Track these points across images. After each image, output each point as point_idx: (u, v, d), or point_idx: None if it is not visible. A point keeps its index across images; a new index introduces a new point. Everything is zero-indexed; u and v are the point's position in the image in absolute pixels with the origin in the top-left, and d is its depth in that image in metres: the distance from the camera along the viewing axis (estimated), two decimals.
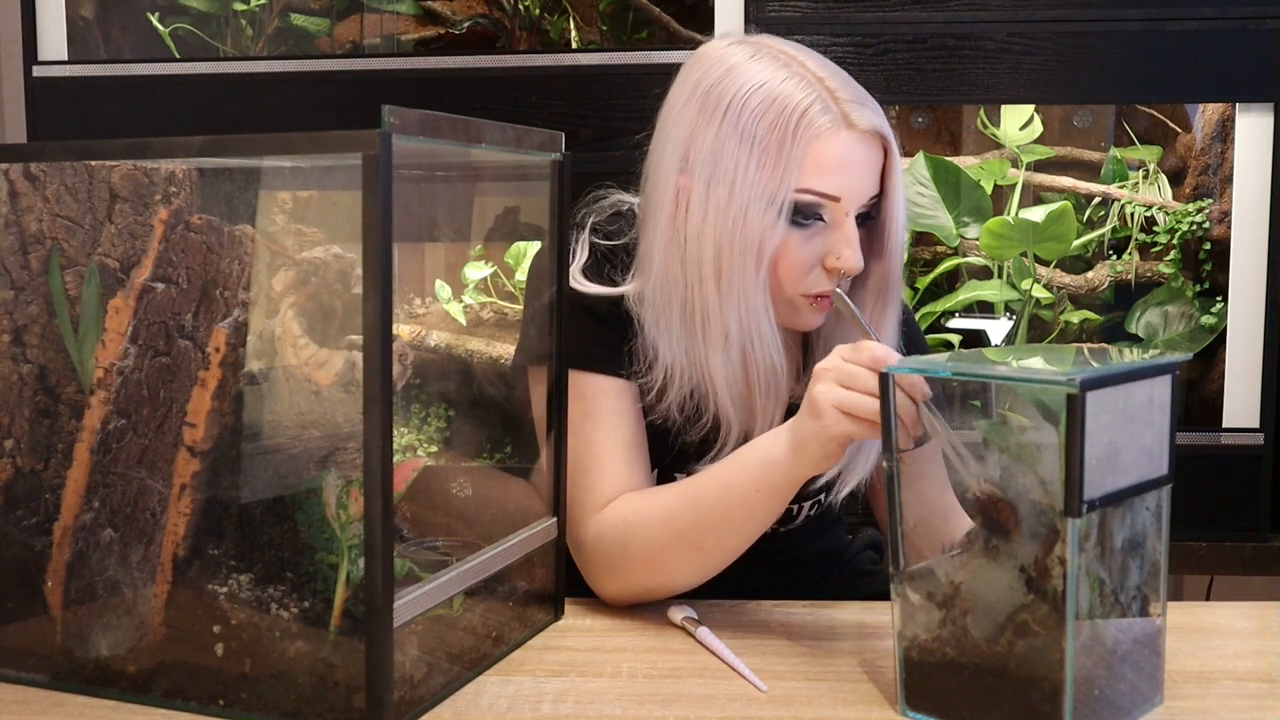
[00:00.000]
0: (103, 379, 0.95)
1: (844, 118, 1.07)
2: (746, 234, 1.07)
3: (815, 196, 1.08)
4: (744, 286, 1.08)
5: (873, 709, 0.94)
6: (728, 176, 1.07)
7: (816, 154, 1.07)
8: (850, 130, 1.07)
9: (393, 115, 0.83)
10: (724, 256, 1.08)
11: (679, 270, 1.11)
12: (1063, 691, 0.85)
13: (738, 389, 1.12)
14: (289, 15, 2.12)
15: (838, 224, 1.09)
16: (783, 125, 1.06)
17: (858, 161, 1.08)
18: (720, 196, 1.07)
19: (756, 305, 1.09)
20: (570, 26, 2.10)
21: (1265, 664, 1.03)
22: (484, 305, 2.10)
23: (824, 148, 1.07)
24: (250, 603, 0.92)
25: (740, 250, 1.07)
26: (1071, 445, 0.83)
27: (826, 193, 1.08)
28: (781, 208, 1.07)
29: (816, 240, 1.10)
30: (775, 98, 1.07)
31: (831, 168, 1.07)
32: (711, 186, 1.08)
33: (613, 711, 0.94)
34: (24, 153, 1.00)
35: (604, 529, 1.13)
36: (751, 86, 1.08)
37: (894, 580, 0.94)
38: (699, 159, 1.09)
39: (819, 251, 1.10)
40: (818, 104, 1.07)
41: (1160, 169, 2.05)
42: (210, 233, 0.95)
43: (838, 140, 1.07)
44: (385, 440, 0.84)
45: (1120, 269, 2.03)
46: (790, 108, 1.06)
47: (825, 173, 1.07)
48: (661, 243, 1.12)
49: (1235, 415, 1.91)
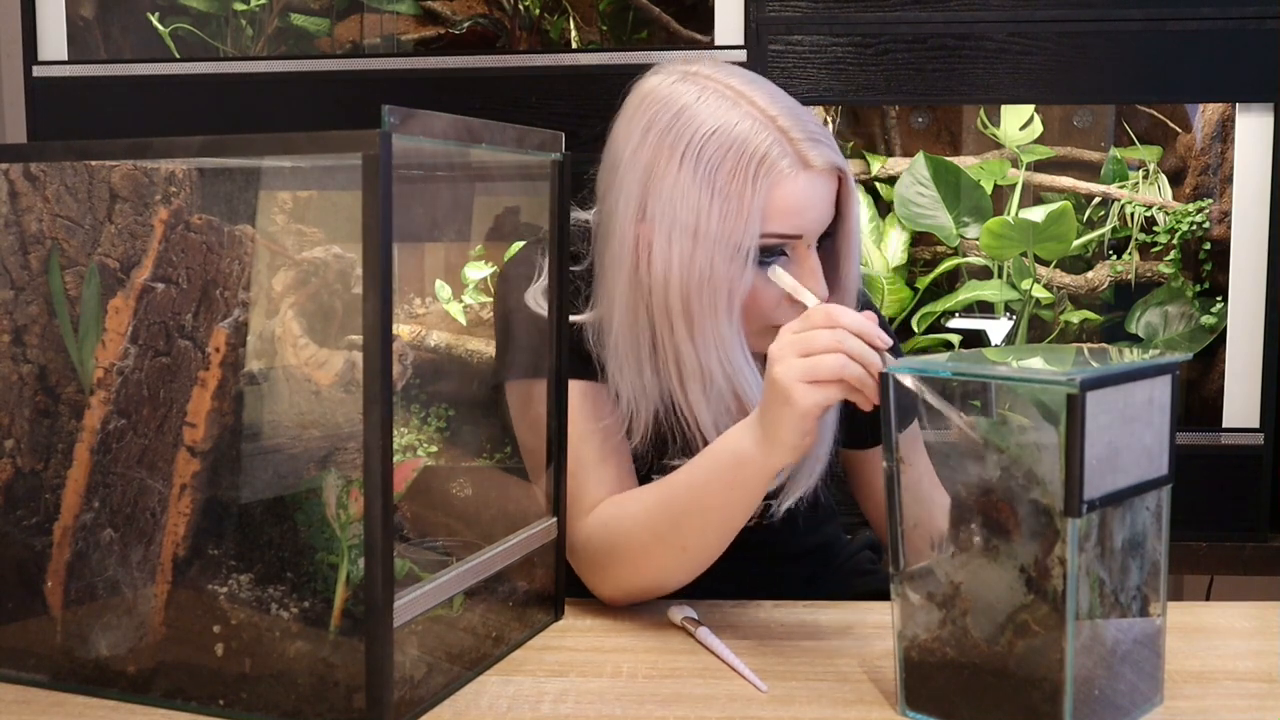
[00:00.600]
0: (103, 379, 0.95)
1: (800, 159, 1.07)
2: (715, 282, 1.07)
3: (779, 239, 1.09)
4: (717, 331, 1.09)
5: (873, 709, 0.94)
6: (689, 226, 1.07)
7: (778, 199, 1.07)
8: (808, 170, 1.08)
9: (393, 115, 0.83)
10: (693, 303, 1.08)
11: (645, 316, 1.12)
12: (1063, 691, 0.85)
13: (725, 422, 1.12)
14: (289, 15, 2.12)
15: (800, 259, 1.11)
16: (742, 173, 1.06)
17: (817, 199, 1.09)
18: (684, 246, 1.07)
19: (733, 346, 1.10)
20: (570, 26, 2.10)
21: (1265, 664, 1.03)
22: (484, 305, 2.10)
23: (784, 192, 1.07)
24: (250, 603, 0.92)
25: (709, 298, 1.08)
26: (1071, 445, 0.83)
27: (789, 234, 1.09)
28: (748, 255, 1.07)
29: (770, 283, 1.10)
30: (732, 144, 1.06)
31: (792, 210, 1.08)
32: (674, 235, 1.08)
33: (613, 711, 0.94)
34: (24, 153, 1.00)
35: (590, 534, 1.14)
36: (705, 131, 1.07)
37: (894, 580, 0.94)
38: (658, 207, 1.09)
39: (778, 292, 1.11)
40: (775, 147, 1.06)
41: (1160, 169, 2.05)
42: (210, 233, 0.95)
43: (797, 183, 1.07)
44: (385, 440, 0.84)
45: (1120, 269, 2.03)
46: (748, 154, 1.06)
47: (787, 215, 1.08)
48: (623, 289, 1.12)
49: (1235, 415, 1.91)
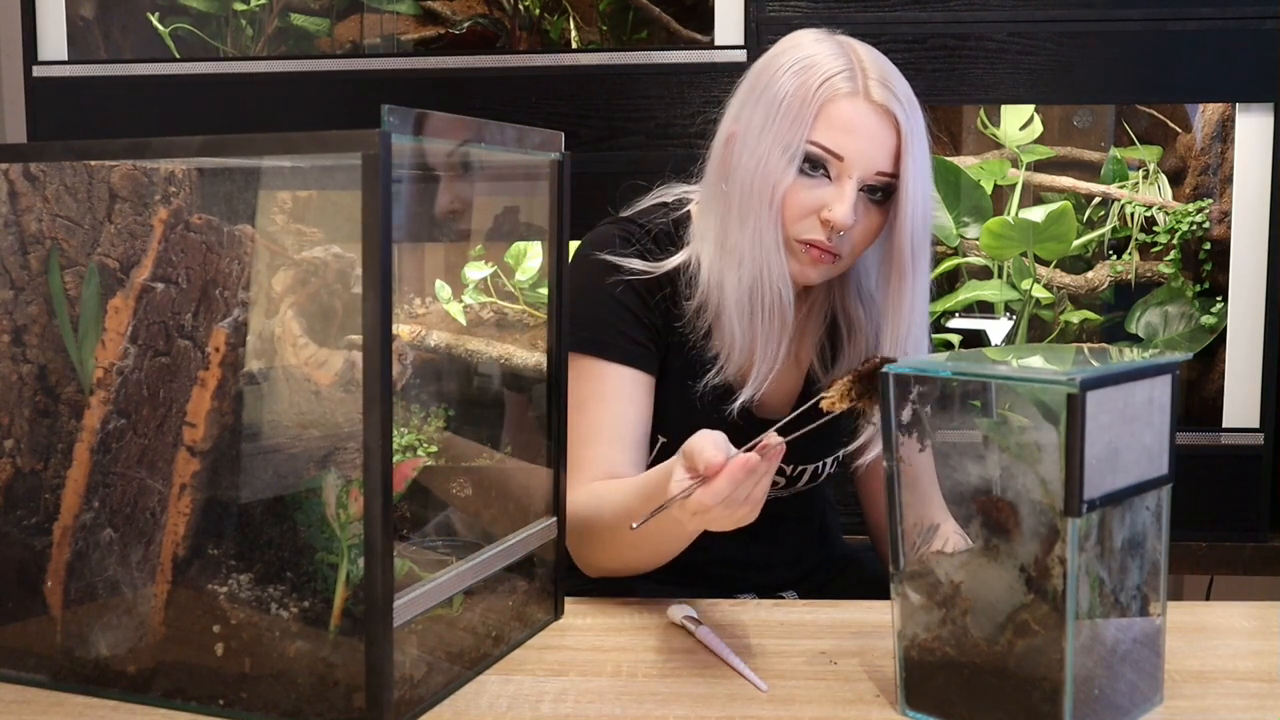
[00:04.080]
0: (102, 379, 0.95)
1: (864, 89, 1.19)
2: (765, 175, 1.20)
3: (822, 151, 1.19)
4: (759, 220, 1.21)
5: (873, 709, 0.94)
6: (758, 125, 1.21)
7: (829, 113, 1.19)
8: (866, 100, 1.19)
9: (393, 115, 0.83)
10: (745, 192, 1.22)
11: (719, 203, 1.26)
12: (1063, 691, 0.85)
13: (744, 309, 1.23)
14: (289, 15, 2.12)
15: (839, 183, 1.20)
16: (807, 84, 1.19)
17: (866, 129, 1.19)
18: (751, 141, 1.22)
19: (768, 239, 1.21)
20: (570, 26, 2.10)
21: (1265, 664, 1.03)
22: (484, 305, 2.10)
23: (835, 108, 1.18)
24: (250, 603, 0.92)
25: (759, 189, 1.20)
26: (1071, 445, 0.83)
27: (832, 149, 1.19)
28: (794, 155, 1.19)
29: (817, 192, 1.20)
30: (811, 65, 1.20)
31: (840, 127, 1.18)
32: (746, 133, 1.22)
33: (613, 711, 0.94)
34: (24, 153, 1.00)
35: (574, 506, 1.21)
36: (799, 56, 1.22)
37: (894, 580, 0.94)
38: (745, 111, 1.24)
39: (817, 203, 1.20)
40: (844, 72, 1.19)
41: (1160, 169, 2.05)
42: (210, 232, 0.95)
43: (850, 104, 1.18)
44: (385, 440, 0.84)
45: (1120, 269, 2.03)
46: (818, 72, 1.19)
47: (834, 130, 1.18)
48: (711, 178, 1.28)
49: (1235, 415, 1.91)
